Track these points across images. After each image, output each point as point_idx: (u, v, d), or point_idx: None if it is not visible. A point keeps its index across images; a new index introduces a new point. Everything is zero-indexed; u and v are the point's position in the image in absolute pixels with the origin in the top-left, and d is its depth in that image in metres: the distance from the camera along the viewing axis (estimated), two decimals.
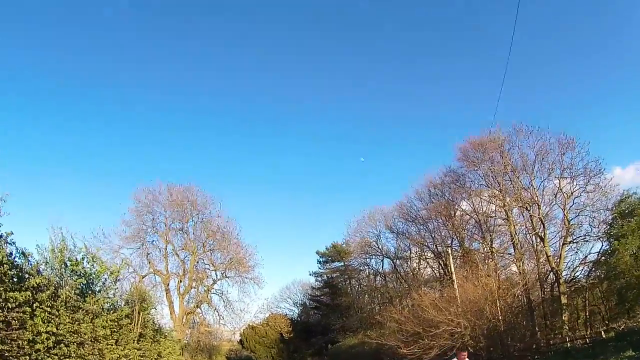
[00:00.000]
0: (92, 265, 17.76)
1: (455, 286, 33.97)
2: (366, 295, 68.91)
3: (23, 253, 13.52)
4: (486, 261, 44.24)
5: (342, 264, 74.50)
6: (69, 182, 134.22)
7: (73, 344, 13.93)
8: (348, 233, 66.04)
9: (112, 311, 18.71)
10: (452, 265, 37.10)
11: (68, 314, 14.10)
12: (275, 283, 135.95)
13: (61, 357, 12.93)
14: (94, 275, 17.63)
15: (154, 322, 26.25)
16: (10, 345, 10.61)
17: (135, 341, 20.67)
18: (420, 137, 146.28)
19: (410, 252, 58.47)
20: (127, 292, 24.23)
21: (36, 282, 12.67)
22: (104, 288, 18.86)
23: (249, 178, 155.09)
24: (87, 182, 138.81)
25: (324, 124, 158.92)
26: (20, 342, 10.94)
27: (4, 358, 10.54)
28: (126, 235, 47.73)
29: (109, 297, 19.01)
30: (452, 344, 30.12)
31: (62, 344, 13.07)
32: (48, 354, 12.22)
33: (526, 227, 40.50)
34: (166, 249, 50.06)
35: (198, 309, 50.27)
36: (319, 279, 79.39)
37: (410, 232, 55.44)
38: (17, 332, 10.94)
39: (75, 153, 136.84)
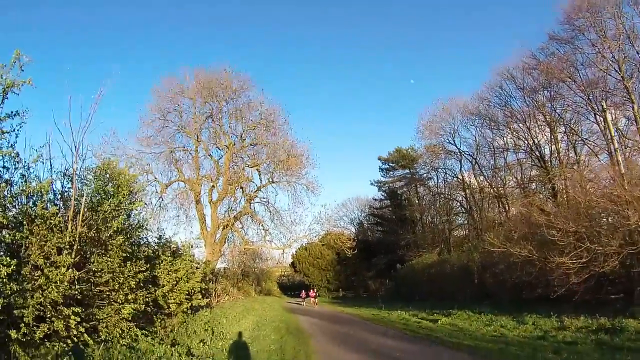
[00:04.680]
0: None
1: (619, 158, 21.83)
2: (437, 205, 57.22)
3: None
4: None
5: (408, 171, 63.41)
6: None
7: None
8: (419, 129, 53.29)
9: None
10: (610, 126, 24.76)
11: None
12: (329, 198, 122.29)
13: None
14: None
15: (142, 226, 15.39)
16: None
17: (70, 252, 9.97)
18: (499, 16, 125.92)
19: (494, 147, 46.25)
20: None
21: None
22: None
23: (294, 68, 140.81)
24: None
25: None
26: None
27: None
28: (146, 136, 37.02)
29: None
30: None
31: None
32: None
33: None
34: (196, 150, 39.20)
35: (238, 221, 39.62)
36: (382, 189, 68.59)
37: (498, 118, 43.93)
38: None
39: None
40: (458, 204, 53.94)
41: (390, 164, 66.18)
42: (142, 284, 13.19)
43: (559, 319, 18.62)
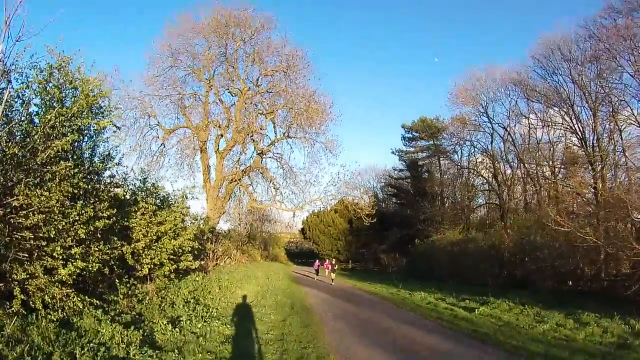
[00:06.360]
0: None
1: None
2: (460, 180, 52.87)
3: None
4: None
5: (432, 142, 59.56)
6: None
7: None
8: (452, 94, 48.34)
9: None
10: None
11: None
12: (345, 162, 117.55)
13: None
14: None
15: (112, 157, 11.56)
16: None
17: None
18: None
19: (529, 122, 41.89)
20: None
21: None
22: None
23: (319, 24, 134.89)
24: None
25: None
26: None
27: None
28: (152, 75, 32.79)
29: None
30: None
31: None
32: None
33: None
34: (207, 95, 34.93)
35: (246, 176, 35.78)
36: (403, 159, 65.07)
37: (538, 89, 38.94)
38: None
39: None
40: (484, 180, 49.66)
41: (414, 133, 62.52)
42: (99, 235, 9.48)
43: (623, 321, 14.91)
